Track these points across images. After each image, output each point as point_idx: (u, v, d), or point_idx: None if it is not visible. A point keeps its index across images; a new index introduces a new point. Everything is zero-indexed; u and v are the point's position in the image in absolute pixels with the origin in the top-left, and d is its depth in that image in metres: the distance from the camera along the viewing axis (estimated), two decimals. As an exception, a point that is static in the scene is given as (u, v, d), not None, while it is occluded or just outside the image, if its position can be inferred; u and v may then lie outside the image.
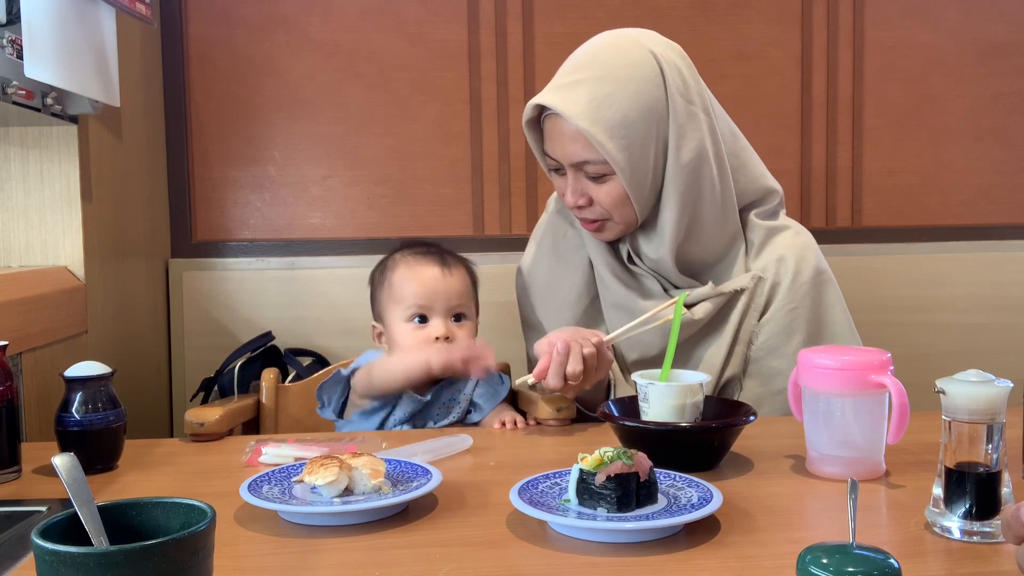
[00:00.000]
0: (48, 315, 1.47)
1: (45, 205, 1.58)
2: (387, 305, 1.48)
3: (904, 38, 2.22)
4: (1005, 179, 2.28)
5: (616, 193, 1.36)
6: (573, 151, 1.34)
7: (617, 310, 1.45)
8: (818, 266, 1.44)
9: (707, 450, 1.12)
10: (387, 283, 1.49)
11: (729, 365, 1.42)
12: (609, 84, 1.33)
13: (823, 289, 1.43)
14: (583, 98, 1.32)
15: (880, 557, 0.66)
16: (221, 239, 2.11)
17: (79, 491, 0.68)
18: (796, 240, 1.45)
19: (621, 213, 1.38)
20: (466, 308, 1.48)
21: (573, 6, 2.14)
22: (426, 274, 1.46)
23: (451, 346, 1.38)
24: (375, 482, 0.97)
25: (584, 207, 1.39)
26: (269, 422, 1.54)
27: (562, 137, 1.35)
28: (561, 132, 1.35)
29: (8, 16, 1.34)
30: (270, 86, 2.08)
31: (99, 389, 1.16)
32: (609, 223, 1.40)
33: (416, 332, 1.45)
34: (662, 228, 1.39)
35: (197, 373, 2.01)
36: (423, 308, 1.45)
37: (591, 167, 1.35)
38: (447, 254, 1.51)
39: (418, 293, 1.45)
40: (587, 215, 1.40)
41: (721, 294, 1.41)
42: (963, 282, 2.23)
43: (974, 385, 0.88)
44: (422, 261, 1.48)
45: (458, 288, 1.47)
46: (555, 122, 1.36)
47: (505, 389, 1.50)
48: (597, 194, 1.37)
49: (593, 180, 1.36)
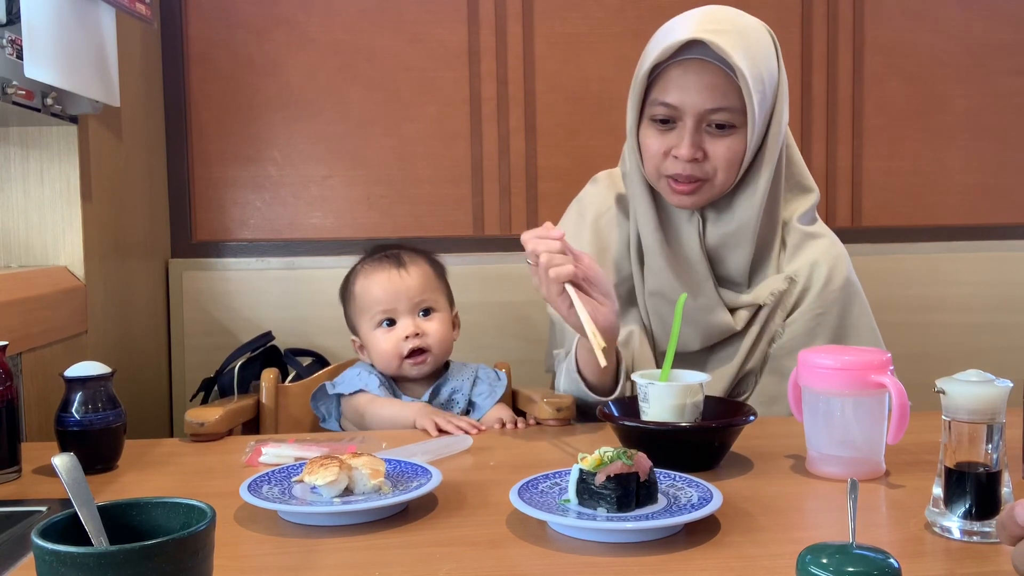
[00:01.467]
0: (48, 315, 1.47)
1: (45, 205, 1.58)
2: (357, 317, 1.52)
3: (904, 38, 2.22)
4: (1005, 179, 2.28)
5: (736, 148, 1.34)
6: (709, 97, 1.32)
7: (657, 298, 1.44)
8: (849, 277, 1.45)
9: (707, 450, 1.12)
10: (352, 296, 1.53)
11: (749, 360, 1.44)
12: (749, 40, 1.33)
13: (852, 300, 1.44)
14: (738, 44, 1.30)
15: (880, 557, 0.66)
16: (221, 239, 2.11)
17: (79, 491, 0.68)
18: (832, 249, 1.46)
19: (725, 173, 1.36)
20: (432, 301, 1.50)
21: (573, 6, 2.14)
22: (382, 278, 1.49)
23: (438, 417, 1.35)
24: (375, 482, 0.97)
25: (697, 161, 1.35)
26: (269, 422, 1.54)
27: (698, 82, 1.32)
28: (697, 77, 1.32)
29: (8, 16, 1.34)
30: (270, 86, 2.08)
31: (99, 389, 1.16)
32: (706, 185, 1.37)
33: (387, 336, 1.47)
34: (751, 193, 1.38)
35: (197, 373, 2.01)
36: (388, 312, 1.48)
37: (721, 115, 1.33)
38: (404, 253, 1.52)
39: (380, 298, 1.48)
40: (694, 171, 1.35)
41: (756, 305, 1.42)
42: (963, 282, 2.23)
43: (974, 385, 0.88)
44: (377, 267, 1.51)
45: (418, 284, 1.48)
46: (688, 67, 1.33)
47: (503, 387, 1.50)
48: (715, 149, 1.34)
49: (715, 132, 1.34)
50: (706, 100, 1.32)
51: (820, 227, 1.50)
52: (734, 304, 1.43)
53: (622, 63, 2.14)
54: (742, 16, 1.37)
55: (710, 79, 1.32)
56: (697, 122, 1.34)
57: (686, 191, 1.37)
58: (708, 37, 1.29)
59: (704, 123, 1.34)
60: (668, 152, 1.36)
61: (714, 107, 1.32)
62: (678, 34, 1.32)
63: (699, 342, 1.43)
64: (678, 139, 1.35)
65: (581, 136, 2.15)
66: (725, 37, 1.30)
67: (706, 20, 1.34)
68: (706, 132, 1.35)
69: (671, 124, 1.36)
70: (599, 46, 2.15)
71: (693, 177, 1.36)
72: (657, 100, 1.36)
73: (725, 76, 1.31)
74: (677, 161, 1.35)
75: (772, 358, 1.44)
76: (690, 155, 1.34)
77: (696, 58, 1.32)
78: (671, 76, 1.34)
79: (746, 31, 1.34)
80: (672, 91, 1.34)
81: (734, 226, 1.40)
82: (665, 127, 1.36)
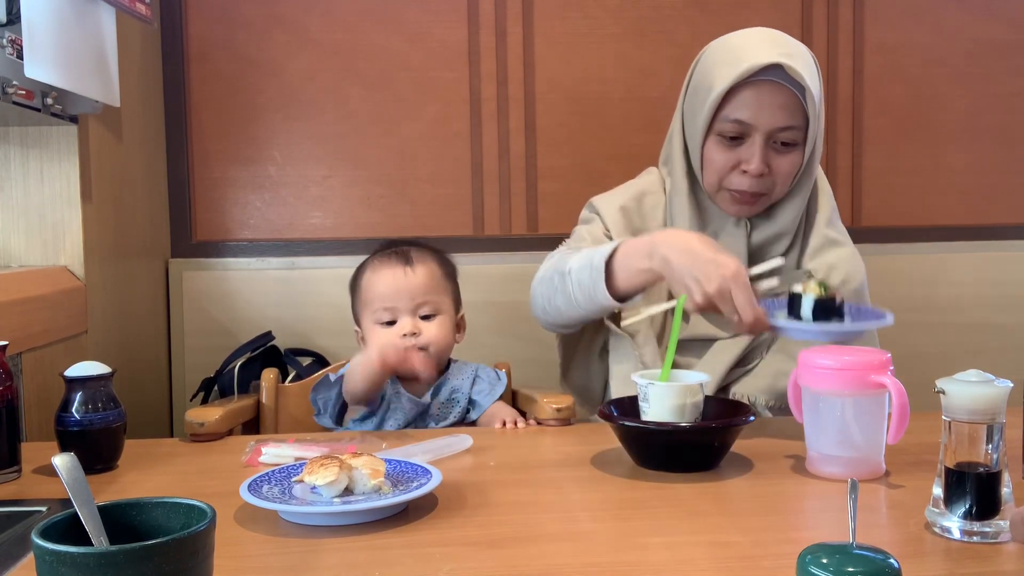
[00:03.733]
0: (48, 315, 1.47)
1: (45, 205, 1.58)
2: (360, 310, 1.52)
3: (904, 38, 2.22)
4: (1005, 179, 2.28)
5: (796, 163, 1.43)
6: (781, 116, 1.39)
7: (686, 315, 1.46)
8: (860, 291, 1.49)
9: (707, 450, 1.12)
10: (358, 288, 1.52)
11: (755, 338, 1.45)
12: (810, 64, 1.42)
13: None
14: (805, 68, 1.39)
15: (880, 557, 0.66)
16: (221, 239, 2.11)
17: (79, 491, 0.68)
18: (852, 260, 1.51)
19: (782, 187, 1.44)
20: (435, 304, 1.48)
21: (573, 6, 2.14)
22: (388, 275, 1.48)
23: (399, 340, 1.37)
24: (375, 482, 0.97)
25: (763, 176, 1.42)
26: (269, 422, 1.54)
27: (772, 102, 1.39)
28: (772, 98, 1.39)
29: (8, 16, 1.34)
30: (270, 86, 2.08)
31: (99, 389, 1.16)
32: (764, 198, 1.45)
33: (385, 332, 1.47)
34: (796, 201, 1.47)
35: (197, 373, 2.01)
36: (389, 309, 1.47)
37: (789, 134, 1.40)
38: (414, 251, 1.52)
39: (383, 295, 1.47)
40: (757, 186, 1.42)
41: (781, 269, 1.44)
42: (963, 282, 2.23)
43: (974, 385, 0.88)
44: (386, 263, 1.50)
45: (422, 283, 1.48)
46: (763, 87, 1.39)
47: (502, 386, 1.50)
48: (779, 164, 1.42)
49: (780, 149, 1.42)
50: (779, 119, 1.39)
51: (843, 234, 1.54)
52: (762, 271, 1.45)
53: (622, 63, 2.15)
54: (793, 39, 1.45)
55: (783, 99, 1.39)
56: (767, 139, 1.41)
57: (750, 202, 1.44)
58: (785, 61, 1.37)
59: (771, 140, 1.41)
60: (735, 166, 1.42)
61: (784, 126, 1.40)
62: (754, 58, 1.38)
63: (728, 334, 1.46)
64: (748, 154, 1.41)
65: (581, 136, 2.15)
66: (797, 61, 1.39)
67: (778, 44, 1.42)
68: (771, 148, 1.42)
69: (739, 140, 1.42)
70: (599, 46, 2.15)
71: (757, 192, 1.43)
72: (729, 117, 1.41)
73: (794, 97, 1.38)
74: (745, 176, 1.42)
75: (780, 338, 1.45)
76: (760, 170, 1.41)
77: (770, 80, 1.38)
78: (745, 96, 1.40)
79: (805, 55, 1.42)
80: (745, 110, 1.40)
81: (776, 229, 1.48)
82: (733, 143, 1.43)
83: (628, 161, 1.63)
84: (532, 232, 2.15)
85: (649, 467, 1.13)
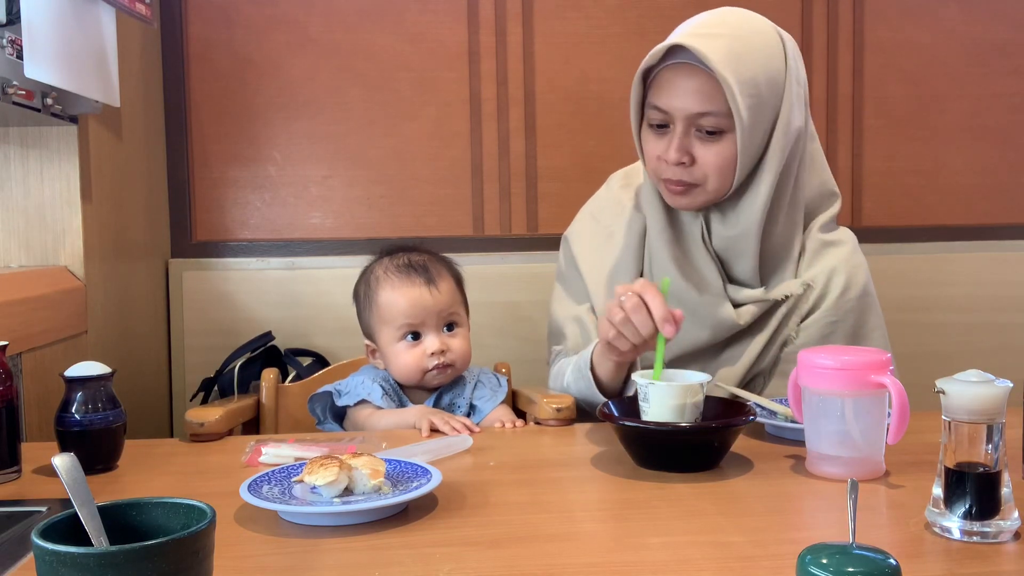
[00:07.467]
0: (48, 315, 1.47)
1: (45, 205, 1.58)
2: (377, 326, 1.47)
3: (904, 38, 2.22)
4: (1005, 179, 2.28)
5: (725, 154, 1.33)
6: (695, 101, 1.32)
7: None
8: (866, 288, 1.44)
9: (707, 450, 1.12)
10: (373, 303, 1.46)
11: (760, 361, 1.43)
12: (743, 43, 1.32)
13: (868, 310, 1.44)
14: (722, 48, 1.29)
15: (880, 557, 0.66)
16: (221, 239, 2.11)
17: (79, 491, 0.68)
18: (852, 258, 1.45)
19: (717, 179, 1.35)
20: (457, 316, 1.47)
21: (573, 6, 2.14)
22: (413, 293, 1.43)
23: (435, 417, 1.34)
24: (375, 482, 0.97)
25: (684, 166, 1.35)
26: (269, 422, 1.54)
27: (685, 87, 1.32)
28: (685, 81, 1.32)
29: (8, 16, 1.34)
30: (270, 86, 2.08)
31: (99, 389, 1.16)
32: (698, 189, 1.37)
33: (411, 349, 1.44)
34: (752, 199, 1.37)
35: (197, 373, 2.01)
36: (414, 326, 1.44)
37: (709, 119, 1.32)
38: (432, 265, 1.47)
39: (407, 312, 1.43)
40: (682, 176, 1.36)
41: (767, 300, 1.42)
42: (963, 282, 2.23)
43: (974, 385, 0.88)
44: (406, 280, 1.45)
45: (447, 300, 1.45)
46: (677, 71, 1.33)
47: (504, 392, 1.50)
48: (704, 154, 1.34)
49: (704, 138, 1.34)
50: (692, 104, 1.32)
51: (842, 234, 1.50)
52: (741, 300, 1.42)
53: (622, 63, 2.15)
54: (748, 20, 1.36)
55: (696, 84, 1.31)
56: (686, 127, 1.34)
57: (679, 192, 1.38)
58: (690, 42, 1.30)
59: (694, 128, 1.34)
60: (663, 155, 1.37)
61: (700, 111, 1.32)
62: (669, 39, 1.33)
63: (708, 338, 1.43)
64: (669, 143, 1.36)
65: (581, 136, 2.15)
66: (711, 41, 1.30)
67: (699, 24, 1.35)
68: (696, 137, 1.35)
69: (665, 128, 1.37)
70: (599, 46, 2.15)
71: (683, 182, 1.36)
72: (651, 104, 1.37)
73: (712, 81, 1.30)
74: (668, 165, 1.36)
75: (783, 361, 1.43)
76: (676, 159, 1.34)
77: (683, 62, 1.32)
78: (662, 80, 1.36)
79: (744, 35, 1.33)
80: (662, 95, 1.35)
81: (737, 231, 1.40)
82: (660, 131, 1.37)
83: (628, 161, 1.62)
84: (532, 232, 2.16)
85: (649, 467, 1.13)
